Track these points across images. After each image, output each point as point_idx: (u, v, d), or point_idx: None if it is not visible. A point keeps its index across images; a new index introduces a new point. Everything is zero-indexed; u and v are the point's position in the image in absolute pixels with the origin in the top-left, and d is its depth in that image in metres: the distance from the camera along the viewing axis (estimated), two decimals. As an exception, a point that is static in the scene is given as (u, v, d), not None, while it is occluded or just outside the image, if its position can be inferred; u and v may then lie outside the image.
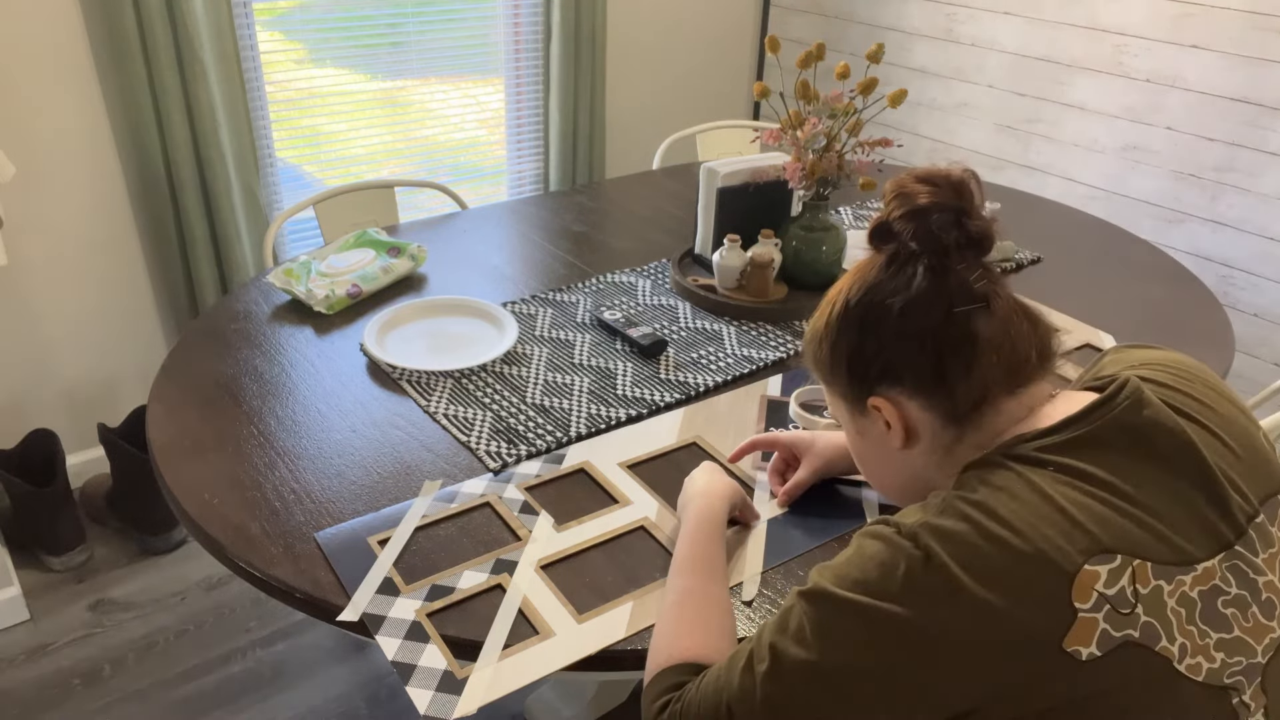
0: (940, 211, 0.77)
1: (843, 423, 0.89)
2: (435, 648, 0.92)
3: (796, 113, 1.56)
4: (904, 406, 0.80)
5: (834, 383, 0.86)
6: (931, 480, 0.83)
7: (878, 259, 0.81)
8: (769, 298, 1.59)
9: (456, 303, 1.57)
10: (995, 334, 0.76)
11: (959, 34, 2.65)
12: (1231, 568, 0.69)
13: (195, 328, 1.50)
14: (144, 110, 2.05)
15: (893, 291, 0.78)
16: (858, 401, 0.83)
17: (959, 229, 0.77)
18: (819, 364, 0.86)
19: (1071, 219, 2.11)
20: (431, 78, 2.61)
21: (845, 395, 0.85)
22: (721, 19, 3.12)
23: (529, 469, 1.19)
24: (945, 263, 0.77)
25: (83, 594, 2.05)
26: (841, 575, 0.71)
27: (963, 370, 0.76)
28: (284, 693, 1.83)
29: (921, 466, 0.83)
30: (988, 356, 0.76)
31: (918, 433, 0.81)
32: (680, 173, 2.31)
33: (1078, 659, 0.63)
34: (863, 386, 0.82)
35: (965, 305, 0.76)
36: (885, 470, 0.88)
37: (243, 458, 1.19)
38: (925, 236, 0.77)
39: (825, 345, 0.84)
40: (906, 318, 0.77)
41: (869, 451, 0.88)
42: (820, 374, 0.87)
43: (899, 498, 0.89)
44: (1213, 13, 2.14)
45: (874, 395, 0.81)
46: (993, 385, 0.77)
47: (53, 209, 2.10)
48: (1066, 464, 0.70)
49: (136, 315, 2.30)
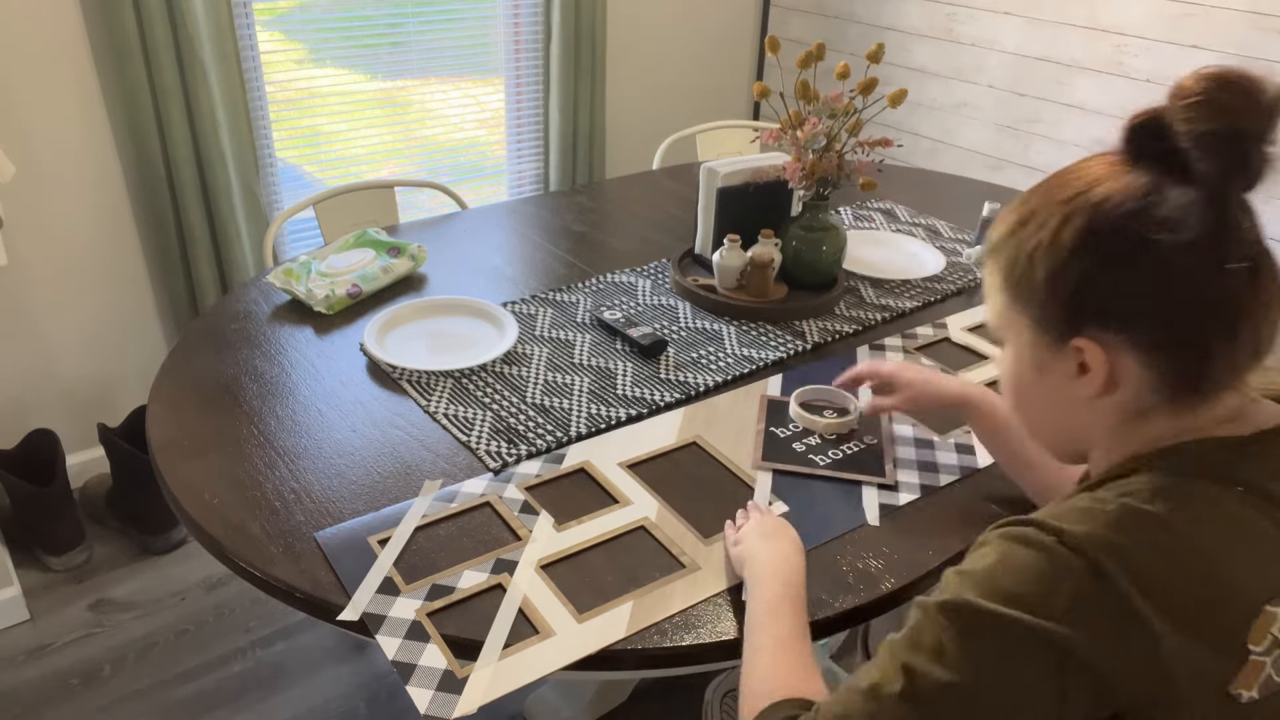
0: (1243, 136, 0.62)
1: (1014, 345, 0.75)
2: (435, 647, 0.92)
3: (796, 113, 1.56)
4: (1119, 357, 0.67)
5: (1029, 304, 0.71)
6: (1092, 441, 0.74)
7: (1136, 175, 0.66)
8: (769, 298, 1.59)
9: (456, 303, 1.57)
10: (1255, 307, 0.64)
11: (959, 34, 2.65)
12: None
13: (195, 328, 1.50)
14: (144, 110, 2.05)
15: (1161, 224, 0.63)
16: (1057, 334, 0.70)
17: (1257, 159, 0.62)
18: (1020, 281, 0.71)
19: (1071, 219, 2.10)
20: (431, 78, 2.61)
21: (1041, 322, 0.71)
22: (721, 19, 3.12)
23: (529, 469, 1.19)
24: (1228, 202, 0.63)
25: (83, 594, 2.05)
26: (989, 586, 0.62)
27: (1210, 338, 0.65)
28: (284, 693, 1.83)
29: (1092, 424, 0.72)
30: (1241, 330, 0.64)
31: (1118, 389, 0.69)
32: (680, 173, 2.31)
33: (1238, 701, 0.60)
34: (1074, 321, 0.68)
35: (1239, 262, 0.63)
36: (1045, 413, 0.76)
37: (243, 458, 1.19)
38: (1228, 162, 0.62)
39: (1042, 264, 0.69)
40: (1169, 262, 0.63)
41: (1037, 389, 0.75)
42: (1013, 289, 0.72)
43: (1046, 442, 0.80)
44: (1213, 13, 2.14)
45: (1084, 335, 0.68)
46: (1226, 364, 0.66)
47: (53, 209, 2.10)
48: (1258, 485, 0.63)
49: (136, 315, 2.30)
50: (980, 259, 0.77)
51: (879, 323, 1.59)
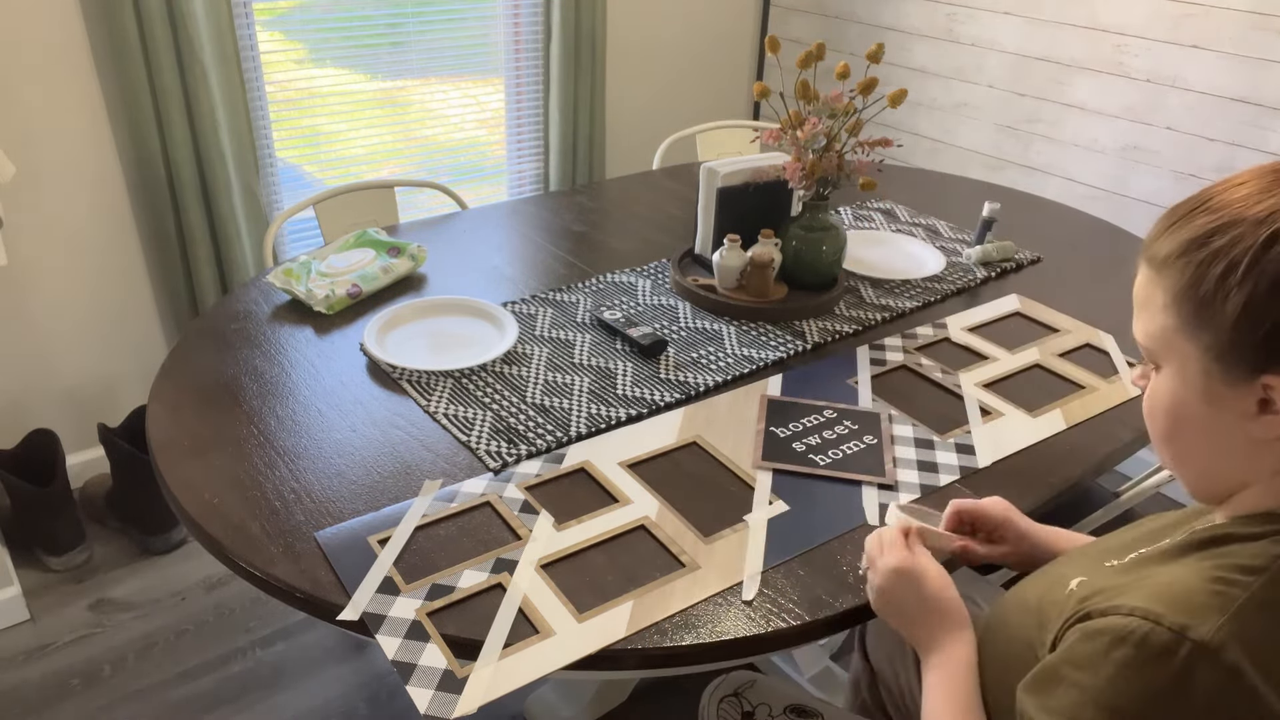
0: None
1: (1177, 371, 0.68)
2: (435, 647, 0.92)
3: (796, 113, 1.56)
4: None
5: (1208, 329, 0.64)
6: (1245, 485, 0.68)
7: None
8: (769, 298, 1.59)
9: (456, 303, 1.57)
10: None
11: (959, 34, 2.65)
12: None
13: (195, 328, 1.50)
14: (144, 111, 2.05)
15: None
16: (1240, 372, 0.63)
17: None
18: (1201, 302, 0.63)
19: (1071, 219, 2.11)
20: (431, 78, 2.61)
21: (1222, 354, 0.64)
22: (721, 19, 3.12)
23: (529, 468, 1.19)
24: None
25: (83, 594, 2.05)
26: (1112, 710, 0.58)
27: None
28: (284, 693, 1.83)
29: (1252, 466, 0.66)
30: None
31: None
32: (680, 173, 2.31)
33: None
34: (1265, 357, 0.61)
35: None
36: (1201, 448, 0.69)
37: (243, 458, 1.19)
38: None
39: (1241, 290, 0.60)
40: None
41: (1199, 420, 0.68)
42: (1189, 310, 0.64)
43: (1190, 477, 0.72)
44: (1213, 13, 2.14)
45: (1276, 373, 0.61)
46: None
47: (53, 209, 2.10)
48: None
49: (136, 315, 2.30)
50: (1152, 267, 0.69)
51: (879, 323, 1.59)
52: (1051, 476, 1.22)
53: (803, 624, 0.97)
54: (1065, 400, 1.39)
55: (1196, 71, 2.20)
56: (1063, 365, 1.48)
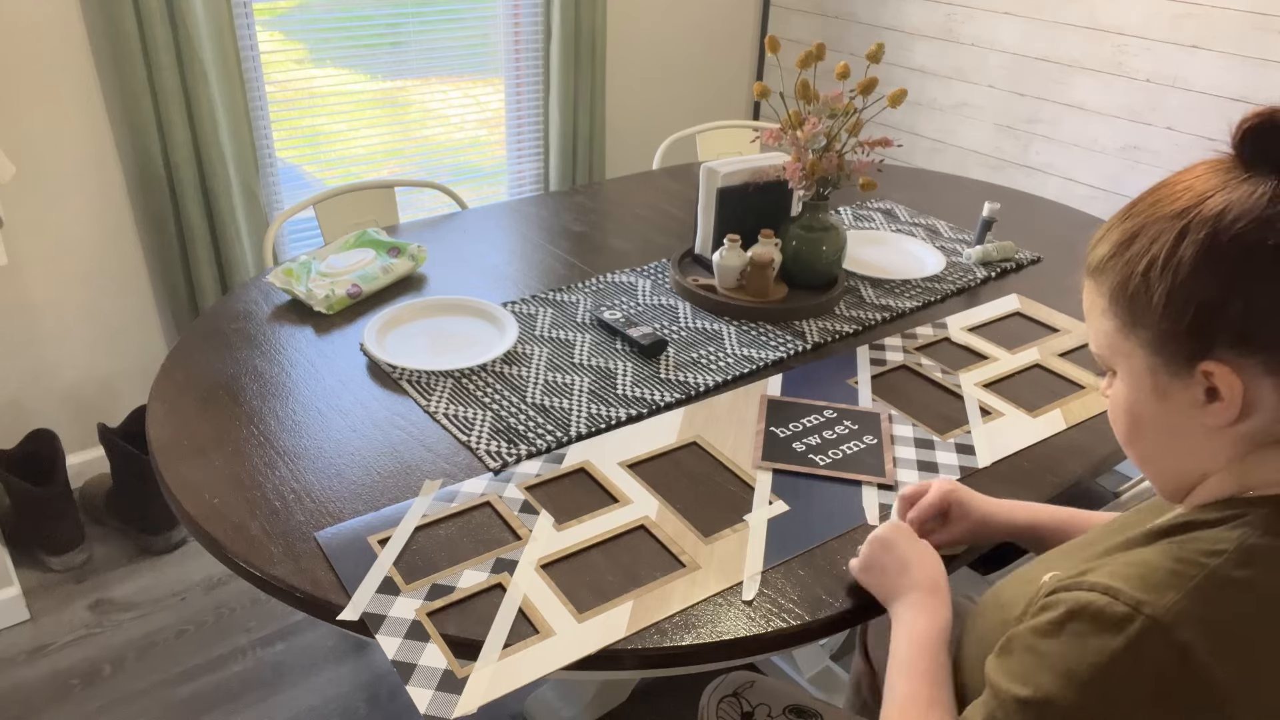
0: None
1: (1127, 372, 0.70)
2: (435, 647, 0.92)
3: (796, 113, 1.56)
4: (1253, 382, 0.63)
5: (1144, 327, 0.67)
6: (1207, 475, 0.69)
7: (1254, 183, 0.62)
8: (769, 298, 1.59)
9: (456, 303, 1.57)
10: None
11: (959, 34, 2.65)
12: None
13: (195, 328, 1.50)
14: (144, 110, 2.05)
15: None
16: (1180, 361, 0.65)
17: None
18: (1133, 303, 0.66)
19: (1071, 219, 2.11)
20: (431, 78, 2.61)
21: (1160, 348, 0.66)
22: (721, 19, 3.12)
23: (529, 468, 1.19)
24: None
25: (83, 594, 2.05)
26: (1065, 673, 0.60)
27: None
28: (284, 693, 1.83)
29: (1212, 457, 0.68)
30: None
31: (1251, 415, 0.64)
32: (680, 173, 2.31)
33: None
34: (1201, 344, 0.64)
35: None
36: (1162, 444, 0.70)
37: (243, 458, 1.19)
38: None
39: (1161, 284, 0.64)
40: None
41: (1155, 417, 0.69)
42: (1125, 312, 0.68)
43: (1155, 476, 0.74)
44: (1213, 13, 2.14)
45: (1213, 359, 0.63)
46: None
47: (53, 209, 2.10)
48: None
49: (136, 315, 2.30)
50: (1087, 276, 0.72)
51: (879, 323, 1.59)
52: (1051, 476, 1.22)
53: (803, 624, 0.97)
54: (1065, 400, 1.39)
55: (1196, 71, 2.20)
56: (1063, 365, 1.48)
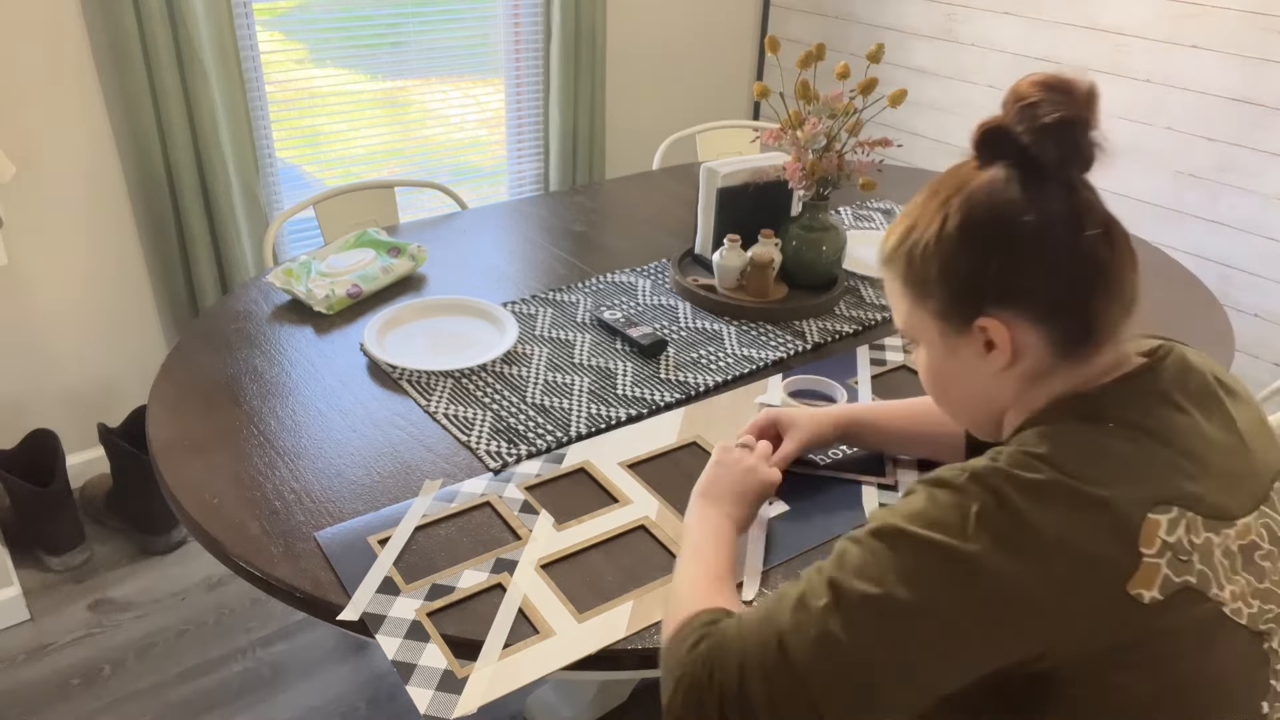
0: (1071, 125, 0.73)
1: (925, 340, 0.84)
2: (435, 647, 0.92)
3: (796, 113, 1.56)
4: (1017, 328, 0.76)
5: (929, 298, 0.80)
6: (1005, 409, 0.82)
7: (996, 172, 0.76)
8: (769, 298, 1.59)
9: (456, 303, 1.57)
10: (1116, 265, 0.75)
11: (959, 34, 2.65)
12: (1264, 524, 0.73)
13: (195, 328, 1.50)
14: (144, 111, 2.05)
15: (1024, 208, 0.74)
16: (959, 321, 0.79)
17: (1086, 144, 0.74)
18: (917, 281, 0.81)
19: (1071, 219, 2.10)
20: (432, 78, 2.61)
21: (944, 313, 0.80)
22: (721, 19, 3.12)
23: (529, 469, 1.19)
24: (1073, 181, 0.75)
25: (83, 594, 2.05)
26: (913, 516, 0.70)
27: (1087, 297, 0.74)
28: (284, 693, 1.83)
29: (1003, 394, 0.81)
30: (1111, 287, 0.75)
31: (1022, 357, 0.78)
32: (680, 173, 2.31)
33: (1140, 602, 0.66)
34: (972, 305, 0.78)
35: (1094, 229, 0.74)
36: (964, 393, 0.85)
37: (243, 458, 1.19)
38: (1068, 150, 0.73)
39: (934, 262, 0.78)
40: (1040, 238, 0.74)
41: (953, 372, 0.84)
42: (910, 288, 0.82)
43: (965, 419, 0.88)
44: (1213, 13, 2.14)
45: (985, 315, 0.77)
46: (1111, 319, 0.76)
47: (53, 209, 2.10)
48: (1125, 419, 0.72)
49: (136, 315, 2.30)
50: None
51: (879, 323, 1.59)
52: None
53: (803, 624, 0.97)
54: (1065, 400, 1.39)
55: (1196, 71, 2.20)
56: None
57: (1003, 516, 0.67)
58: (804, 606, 0.71)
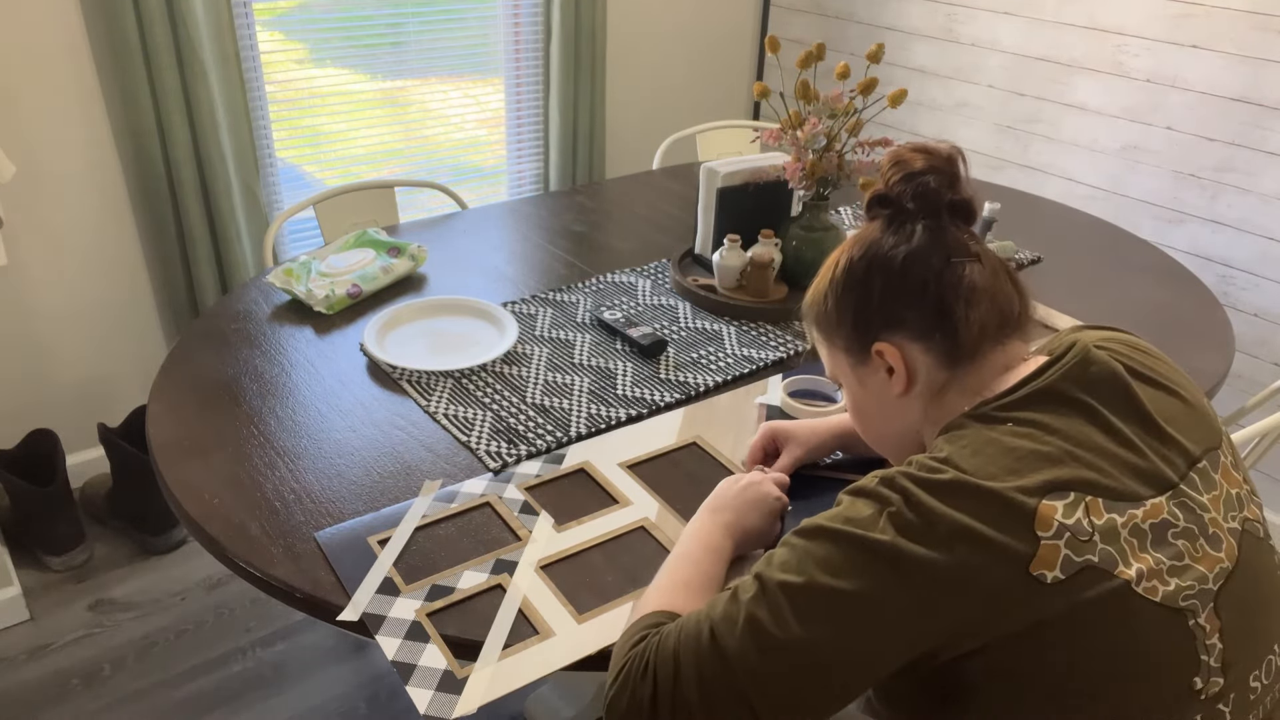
0: (935, 174, 0.87)
1: (843, 378, 0.96)
2: (435, 647, 0.92)
3: (796, 113, 1.56)
4: (906, 349, 0.88)
5: (836, 336, 0.93)
6: (920, 430, 0.91)
7: (876, 224, 0.90)
8: (769, 298, 1.59)
9: (456, 303, 1.57)
10: (987, 283, 0.86)
11: (959, 34, 2.65)
12: (1179, 504, 0.77)
13: (195, 328, 1.50)
14: (144, 111, 2.05)
15: (894, 246, 0.87)
16: (861, 351, 0.90)
17: (951, 192, 0.87)
18: (823, 321, 0.94)
19: (1071, 219, 2.11)
20: (432, 78, 2.61)
21: (848, 347, 0.92)
22: (721, 19, 3.12)
23: (529, 469, 1.19)
24: (940, 221, 0.87)
25: (83, 594, 2.05)
26: (832, 516, 0.77)
27: (962, 312, 0.85)
28: (284, 693, 1.83)
29: (913, 415, 0.90)
30: (983, 302, 0.85)
31: (917, 375, 0.88)
32: (680, 173, 2.31)
33: (1043, 582, 0.71)
34: (867, 335, 0.89)
35: (961, 256, 0.86)
36: (881, 420, 0.95)
37: (243, 458, 1.19)
38: (922, 196, 0.87)
39: (830, 301, 0.91)
40: (909, 266, 0.86)
41: (868, 402, 0.94)
42: (822, 331, 0.95)
43: (893, 450, 0.96)
44: (1213, 13, 2.14)
45: (878, 341, 0.88)
46: (985, 330, 0.85)
47: (53, 209, 2.10)
48: (1022, 418, 0.79)
49: (136, 315, 2.30)
50: None
51: (879, 323, 1.59)
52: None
53: (803, 624, 0.97)
54: (1065, 400, 1.38)
55: (1196, 71, 2.20)
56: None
57: (909, 511, 0.73)
58: (735, 600, 0.77)
